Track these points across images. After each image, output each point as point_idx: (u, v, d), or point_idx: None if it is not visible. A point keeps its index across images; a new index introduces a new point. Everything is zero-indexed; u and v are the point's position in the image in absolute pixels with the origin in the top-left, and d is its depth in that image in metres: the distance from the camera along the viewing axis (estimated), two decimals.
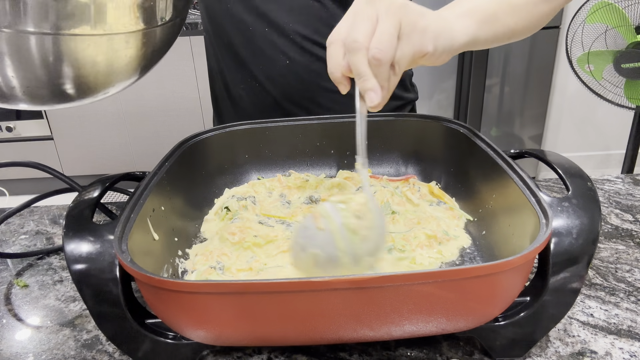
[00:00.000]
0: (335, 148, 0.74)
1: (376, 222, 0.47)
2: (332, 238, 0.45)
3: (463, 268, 0.38)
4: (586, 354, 0.48)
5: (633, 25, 1.73)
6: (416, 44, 0.48)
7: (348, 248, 0.45)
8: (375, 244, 0.47)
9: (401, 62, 0.48)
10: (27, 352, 0.52)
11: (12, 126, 2.53)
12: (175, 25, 0.59)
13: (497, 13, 0.57)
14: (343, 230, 0.45)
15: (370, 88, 0.47)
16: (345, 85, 0.50)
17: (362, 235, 0.46)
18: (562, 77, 2.51)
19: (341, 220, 0.45)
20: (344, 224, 0.45)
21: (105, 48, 0.50)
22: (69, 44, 0.47)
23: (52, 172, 0.70)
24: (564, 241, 0.43)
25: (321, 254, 0.45)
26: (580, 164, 0.53)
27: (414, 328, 0.42)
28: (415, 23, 0.48)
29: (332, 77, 0.50)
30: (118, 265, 0.43)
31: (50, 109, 0.55)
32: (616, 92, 1.85)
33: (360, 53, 0.46)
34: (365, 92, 0.47)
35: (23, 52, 0.45)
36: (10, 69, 0.46)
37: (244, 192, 0.69)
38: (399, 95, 0.86)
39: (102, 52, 0.50)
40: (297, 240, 0.48)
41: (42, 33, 0.44)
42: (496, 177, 0.56)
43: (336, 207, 0.46)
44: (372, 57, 0.46)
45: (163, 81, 2.39)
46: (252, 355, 0.50)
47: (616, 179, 0.82)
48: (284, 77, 0.79)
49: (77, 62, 0.49)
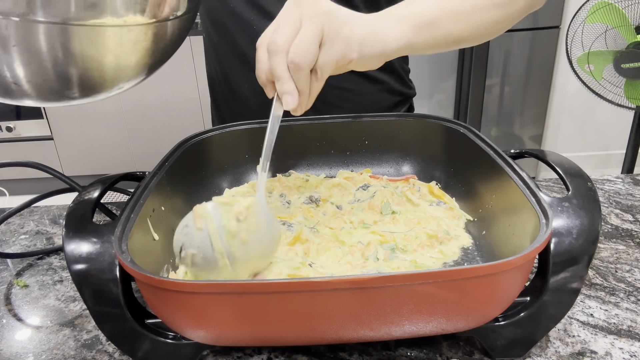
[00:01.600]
0: (335, 148, 0.74)
1: (261, 227, 0.47)
2: (209, 239, 0.45)
3: (463, 268, 0.38)
4: (586, 354, 0.48)
5: (633, 25, 1.73)
6: (338, 51, 0.49)
7: (225, 250, 0.45)
8: (257, 249, 0.46)
9: (324, 68, 0.48)
10: (27, 352, 0.52)
11: (12, 126, 2.53)
12: (189, 18, 0.57)
13: (438, 19, 0.55)
14: (222, 231, 0.45)
15: (286, 91, 0.47)
16: (271, 89, 0.50)
17: (241, 238, 0.45)
18: (562, 77, 2.51)
19: (221, 221, 0.45)
20: (224, 226, 0.45)
21: (121, 40, 0.48)
22: (83, 35, 0.45)
23: (52, 172, 0.70)
24: (564, 241, 0.43)
25: (198, 255, 0.45)
26: (580, 164, 0.53)
27: (414, 328, 0.42)
28: (338, 30, 0.48)
29: (259, 80, 0.51)
30: (118, 265, 0.43)
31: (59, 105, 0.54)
32: (616, 92, 1.85)
33: (280, 56, 0.46)
34: (282, 94, 0.48)
35: (32, 42, 0.43)
36: (18, 61, 0.44)
37: (244, 192, 0.69)
38: (399, 91, 0.86)
39: (116, 45, 0.48)
40: (177, 237, 0.47)
41: (53, 22, 0.43)
42: (496, 177, 0.56)
43: (217, 207, 0.46)
44: (290, 61, 0.46)
45: (163, 81, 2.40)
46: (252, 355, 0.50)
47: (616, 179, 0.82)
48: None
49: (89, 54, 0.47)
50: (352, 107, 0.82)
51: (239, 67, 0.82)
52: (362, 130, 0.73)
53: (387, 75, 0.83)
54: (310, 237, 0.58)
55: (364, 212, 0.63)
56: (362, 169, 0.74)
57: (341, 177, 0.71)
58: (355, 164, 0.74)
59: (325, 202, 0.65)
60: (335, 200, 0.66)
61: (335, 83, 0.80)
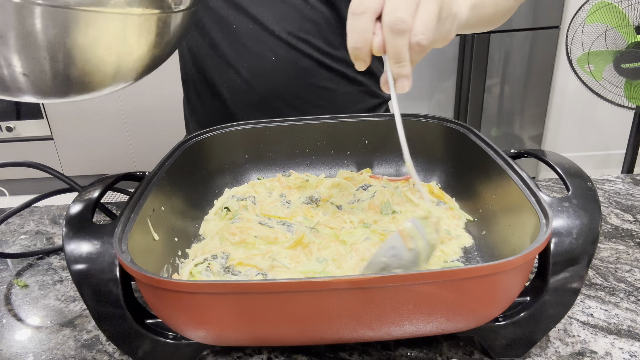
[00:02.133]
0: (335, 148, 0.74)
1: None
2: (417, 257, 0.44)
3: (463, 268, 0.38)
4: (586, 354, 0.48)
5: (633, 25, 1.73)
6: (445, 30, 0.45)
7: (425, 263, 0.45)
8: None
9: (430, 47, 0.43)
10: (27, 352, 0.52)
11: (12, 126, 2.53)
12: (194, 13, 0.55)
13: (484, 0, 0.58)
14: (427, 247, 0.45)
15: (406, 75, 0.43)
16: (366, 63, 0.45)
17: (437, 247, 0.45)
18: (562, 77, 2.51)
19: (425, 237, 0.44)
20: (428, 241, 0.44)
21: (121, 29, 0.45)
22: (83, 20, 0.42)
23: (52, 172, 0.70)
24: (564, 241, 0.43)
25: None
26: (580, 164, 0.53)
27: (414, 328, 0.42)
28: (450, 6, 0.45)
29: (355, 52, 0.44)
30: (118, 265, 0.43)
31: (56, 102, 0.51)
32: (616, 92, 1.86)
33: (406, 37, 0.41)
34: (399, 77, 0.43)
35: (28, 27, 0.40)
36: (14, 49, 0.42)
37: (244, 192, 0.69)
38: (377, 93, 0.87)
39: (116, 34, 0.46)
40: (379, 259, 0.45)
41: (53, 5, 0.40)
42: (496, 177, 0.56)
43: (419, 224, 0.45)
44: (417, 42, 0.41)
45: (163, 81, 2.40)
46: (252, 355, 0.50)
47: (616, 179, 0.82)
48: (270, 74, 0.78)
49: (89, 42, 0.44)
50: (333, 106, 0.82)
51: (218, 68, 0.81)
52: (362, 130, 0.73)
53: (365, 78, 0.84)
54: (310, 238, 0.58)
55: (364, 212, 0.63)
56: (362, 169, 0.74)
57: (341, 177, 0.71)
58: (355, 164, 0.74)
59: (325, 202, 0.65)
60: (335, 200, 0.66)
61: (317, 83, 0.80)
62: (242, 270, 0.54)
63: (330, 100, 0.82)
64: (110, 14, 0.44)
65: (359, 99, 0.85)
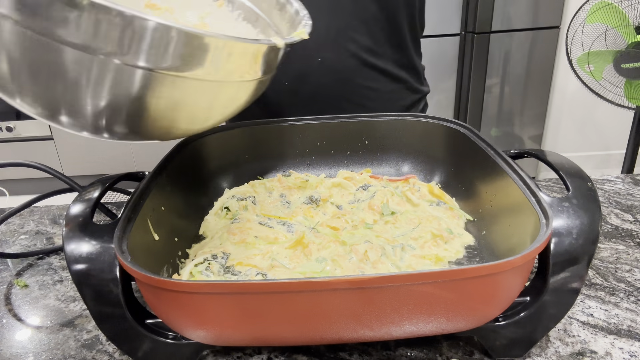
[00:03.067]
0: (335, 148, 0.74)
1: None
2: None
3: (463, 268, 0.38)
4: (586, 354, 0.48)
5: (633, 25, 1.73)
6: None
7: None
8: None
9: None
10: (27, 352, 0.52)
11: (12, 126, 2.53)
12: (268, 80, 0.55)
13: None
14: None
15: None
16: None
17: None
18: (562, 77, 2.51)
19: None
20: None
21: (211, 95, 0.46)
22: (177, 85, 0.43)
23: (52, 172, 0.70)
24: (564, 241, 0.43)
25: None
26: (580, 164, 0.53)
27: (414, 328, 0.42)
28: None
29: None
30: (118, 265, 0.43)
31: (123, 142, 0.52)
32: (616, 92, 1.86)
33: None
34: None
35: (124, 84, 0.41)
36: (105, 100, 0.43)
37: (244, 192, 0.69)
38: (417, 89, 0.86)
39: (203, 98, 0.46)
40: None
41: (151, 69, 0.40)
42: (496, 177, 0.56)
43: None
44: None
45: None
46: (252, 355, 0.50)
47: (616, 179, 0.82)
48: (316, 75, 0.78)
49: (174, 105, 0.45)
50: (375, 105, 0.82)
51: None
52: (362, 130, 0.73)
53: (407, 73, 0.83)
54: (310, 238, 0.58)
55: (364, 212, 0.63)
56: (362, 169, 0.74)
57: (341, 177, 0.71)
58: (355, 164, 0.74)
59: (325, 202, 0.65)
60: (335, 200, 0.66)
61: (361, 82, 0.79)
62: (242, 270, 0.54)
63: (373, 99, 0.82)
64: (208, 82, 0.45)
65: (400, 96, 0.84)
